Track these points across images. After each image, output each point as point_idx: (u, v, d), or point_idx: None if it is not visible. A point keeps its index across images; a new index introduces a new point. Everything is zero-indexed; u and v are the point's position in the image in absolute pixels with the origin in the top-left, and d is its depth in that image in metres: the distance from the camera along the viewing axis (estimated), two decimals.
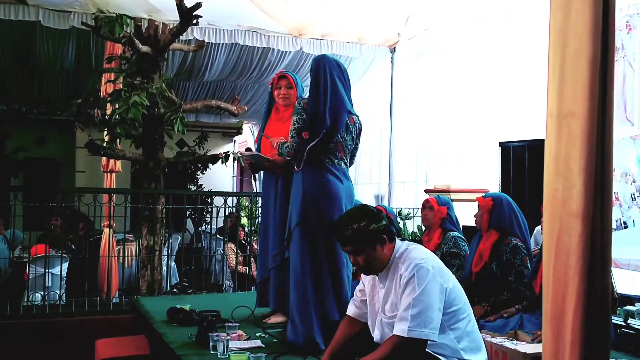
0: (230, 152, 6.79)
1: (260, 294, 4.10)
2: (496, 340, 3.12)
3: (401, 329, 2.44)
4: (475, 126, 7.24)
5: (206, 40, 7.24)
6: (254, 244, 7.02)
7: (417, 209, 7.41)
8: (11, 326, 5.23)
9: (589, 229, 0.98)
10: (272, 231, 3.98)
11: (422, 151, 8.36)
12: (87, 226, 7.00)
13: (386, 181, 8.56)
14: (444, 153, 7.92)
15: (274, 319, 3.94)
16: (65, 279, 6.20)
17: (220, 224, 8.04)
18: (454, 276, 2.66)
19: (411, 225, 7.56)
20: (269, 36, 7.72)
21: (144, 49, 6.00)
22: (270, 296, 3.98)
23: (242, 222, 8.58)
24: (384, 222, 2.62)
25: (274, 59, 8.33)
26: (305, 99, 3.62)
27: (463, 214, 6.11)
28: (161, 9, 6.79)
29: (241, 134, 12.64)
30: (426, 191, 7.15)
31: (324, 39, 8.00)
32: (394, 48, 8.43)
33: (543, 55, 1.13)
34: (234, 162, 10.66)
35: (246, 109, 7.64)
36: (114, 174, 6.91)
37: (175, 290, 6.98)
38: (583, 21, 0.96)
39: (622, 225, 5.38)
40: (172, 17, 6.39)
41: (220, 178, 11.52)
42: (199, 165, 10.86)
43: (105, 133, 6.30)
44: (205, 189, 10.99)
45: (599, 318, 0.99)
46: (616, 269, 4.91)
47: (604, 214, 0.99)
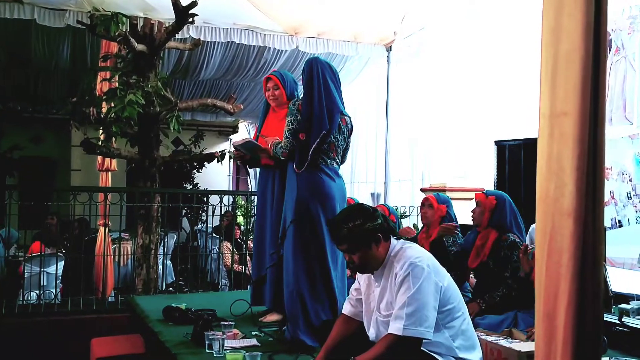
0: (226, 151, 6.78)
1: (255, 292, 4.10)
2: (491, 338, 3.13)
3: (396, 327, 2.45)
4: (471, 125, 7.25)
5: (202, 39, 7.22)
6: (250, 242, 7.02)
7: (412, 207, 7.42)
8: (6, 325, 5.22)
9: (581, 227, 0.98)
10: (269, 230, 3.99)
11: (418, 150, 8.36)
12: (82, 225, 6.98)
13: (382, 180, 8.57)
14: (439, 152, 7.92)
15: (269, 318, 3.94)
16: (61, 277, 6.19)
17: (216, 222, 8.04)
18: (449, 275, 2.67)
19: (407, 223, 7.56)
20: (264, 35, 7.71)
21: (140, 47, 5.99)
22: (267, 295, 3.99)
23: (238, 221, 8.57)
24: (379, 221, 2.62)
25: (270, 58, 8.33)
26: (299, 100, 3.64)
27: (459, 213, 6.13)
28: (157, 8, 6.77)
29: (237, 132, 12.63)
30: (422, 190, 7.16)
31: (320, 37, 7.99)
32: (390, 47, 8.43)
33: (538, 54, 1.13)
34: (229, 161, 10.64)
35: (242, 107, 7.64)
36: (109, 173, 6.89)
37: (171, 289, 6.98)
38: (575, 21, 0.96)
39: (617, 224, 5.40)
40: (167, 15, 6.38)
41: (216, 177, 11.51)
42: (195, 164, 10.85)
43: (101, 132, 6.29)
44: (201, 188, 10.98)
45: (591, 316, 0.99)
46: (611, 267, 4.93)
47: (596, 212, 0.99)
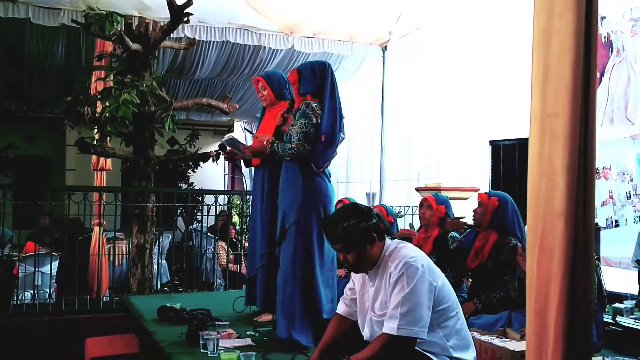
0: (221, 151, 6.77)
1: (249, 291, 4.11)
2: (485, 337, 3.13)
3: (390, 327, 2.45)
4: (466, 124, 7.26)
5: (197, 38, 7.22)
6: (245, 242, 7.02)
7: (408, 207, 7.43)
8: (0, 325, 5.20)
9: (572, 227, 0.99)
10: (259, 230, 4.00)
11: (414, 149, 8.37)
12: (76, 225, 6.96)
13: (377, 179, 8.58)
14: (435, 151, 7.93)
15: (264, 318, 3.95)
16: (55, 277, 6.18)
17: (212, 222, 8.03)
18: (443, 274, 2.68)
19: (402, 223, 7.57)
20: (260, 34, 7.71)
21: (135, 46, 5.98)
22: (257, 295, 4.00)
23: (234, 221, 8.57)
24: (374, 221, 2.63)
25: (265, 57, 8.32)
26: (313, 103, 3.59)
27: (454, 213, 6.14)
28: (152, 7, 6.77)
29: (232, 131, 12.61)
30: (417, 189, 7.16)
31: (315, 37, 7.99)
32: (385, 46, 8.44)
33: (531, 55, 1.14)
34: (225, 161, 10.63)
35: (237, 107, 7.63)
36: (104, 172, 6.87)
37: (166, 288, 6.97)
38: (566, 23, 0.97)
39: (612, 223, 5.42)
40: (162, 14, 6.37)
41: (211, 176, 11.49)
42: (190, 164, 10.83)
43: (96, 131, 6.27)
44: (196, 187, 10.97)
45: (582, 315, 1.00)
46: (607, 267, 4.95)
47: (586, 212, 1.00)
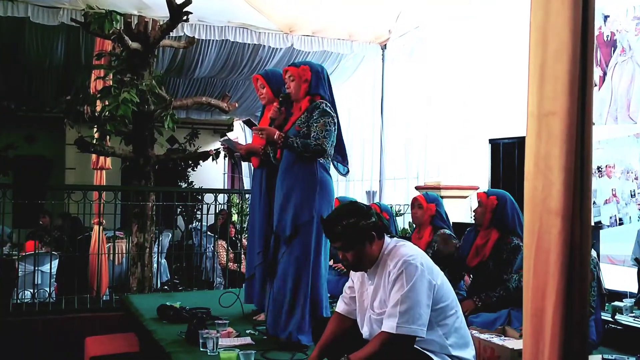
0: (220, 149, 6.77)
1: (248, 290, 4.12)
2: (484, 336, 3.13)
3: (390, 325, 2.45)
4: (466, 123, 7.26)
5: (196, 37, 7.22)
6: (245, 240, 7.02)
7: (407, 205, 7.43)
8: (0, 324, 5.20)
9: (569, 226, 0.99)
10: (258, 229, 4.01)
11: (413, 148, 8.37)
12: (77, 224, 6.96)
13: (377, 178, 8.58)
14: (434, 150, 7.93)
15: (263, 316, 3.95)
16: (55, 276, 6.18)
17: (211, 221, 8.03)
18: (442, 273, 2.68)
19: (402, 222, 7.57)
20: (259, 33, 7.70)
21: (134, 45, 5.98)
22: (256, 294, 4.00)
23: (233, 220, 8.57)
24: (373, 219, 2.63)
25: (264, 56, 8.32)
26: (325, 99, 3.66)
27: (453, 211, 6.15)
28: (151, 6, 6.76)
29: (232, 130, 12.61)
30: (417, 188, 7.17)
31: (315, 35, 7.99)
32: (385, 45, 8.43)
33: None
34: (224, 159, 10.63)
35: (237, 105, 7.63)
36: (104, 171, 6.88)
37: (166, 287, 6.97)
38: (562, 21, 0.96)
39: (617, 221, 5.43)
40: (162, 13, 6.36)
41: (211, 175, 11.49)
42: (190, 162, 10.83)
43: (95, 130, 6.27)
44: (196, 186, 10.97)
45: (579, 314, 1.00)
46: (611, 265, 4.96)
47: (583, 211, 1.00)
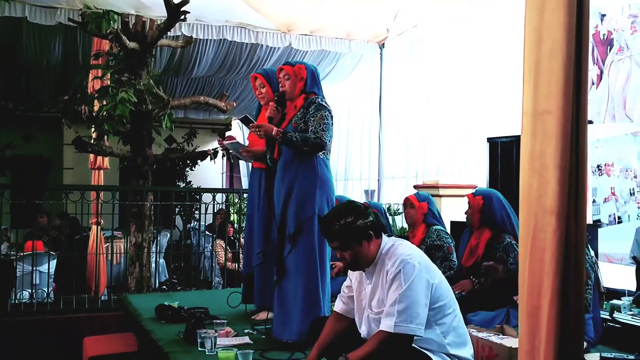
0: (218, 149, 6.77)
1: (245, 290, 4.12)
2: (482, 334, 3.13)
3: (388, 324, 2.45)
4: (464, 122, 7.27)
5: (194, 36, 7.21)
6: (243, 240, 7.02)
7: None
8: None
9: (564, 225, 0.99)
10: (257, 229, 3.99)
11: (412, 147, 8.37)
12: (74, 224, 6.95)
13: (375, 177, 8.58)
14: (433, 148, 7.94)
15: (261, 316, 3.94)
16: (53, 276, 6.17)
17: (209, 220, 8.03)
18: (440, 272, 2.68)
19: (400, 221, 7.58)
20: (257, 32, 7.70)
21: (132, 45, 5.97)
22: (256, 293, 3.99)
23: (231, 219, 8.57)
24: (370, 218, 2.62)
25: (262, 55, 8.31)
26: (320, 97, 3.65)
27: (452, 210, 6.15)
28: (148, 5, 6.76)
29: (230, 130, 12.61)
30: (415, 187, 7.17)
31: (313, 35, 7.99)
32: (383, 44, 8.44)
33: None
34: (223, 159, 10.63)
35: (235, 105, 7.63)
36: (102, 171, 6.86)
37: (164, 287, 6.98)
38: (557, 20, 0.96)
39: (615, 220, 5.44)
40: (159, 13, 6.36)
41: (209, 175, 11.48)
42: (188, 162, 10.81)
43: (93, 130, 6.27)
44: (194, 186, 10.96)
45: (574, 312, 1.00)
46: (609, 263, 4.97)
47: (578, 210, 1.00)
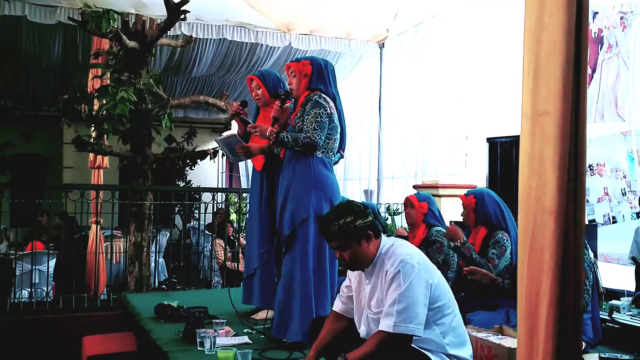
0: (218, 148, 6.77)
1: (245, 290, 4.11)
2: (481, 335, 3.13)
3: (387, 324, 2.45)
4: (463, 122, 7.27)
5: (194, 36, 7.22)
6: (242, 239, 7.02)
7: None
8: None
9: (562, 225, 0.99)
10: (258, 229, 3.99)
11: (411, 146, 8.37)
12: (71, 224, 6.94)
13: (375, 177, 8.58)
14: (432, 148, 7.94)
15: (261, 315, 3.94)
16: (52, 276, 6.18)
17: (209, 220, 8.02)
18: (439, 272, 2.68)
19: (400, 221, 7.58)
20: (257, 31, 7.70)
21: (131, 44, 5.97)
22: (256, 293, 3.99)
23: (231, 219, 8.57)
24: (370, 218, 2.62)
25: (262, 55, 8.32)
26: (323, 93, 3.55)
27: (452, 210, 6.15)
28: (148, 4, 6.76)
29: (230, 129, 12.59)
30: (415, 187, 7.17)
31: (313, 34, 8.00)
32: (383, 44, 8.45)
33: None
34: (222, 158, 10.63)
35: (234, 104, 7.61)
36: (101, 170, 6.87)
37: (164, 286, 6.97)
38: (556, 22, 0.96)
39: (610, 220, 5.43)
40: (159, 12, 6.36)
41: (209, 174, 11.48)
42: (188, 161, 10.80)
43: (93, 129, 6.27)
44: (194, 185, 10.95)
45: (572, 314, 1.00)
46: (605, 263, 4.97)
47: (577, 211, 1.00)
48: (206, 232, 7.98)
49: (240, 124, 4.07)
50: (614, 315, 3.84)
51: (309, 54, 8.13)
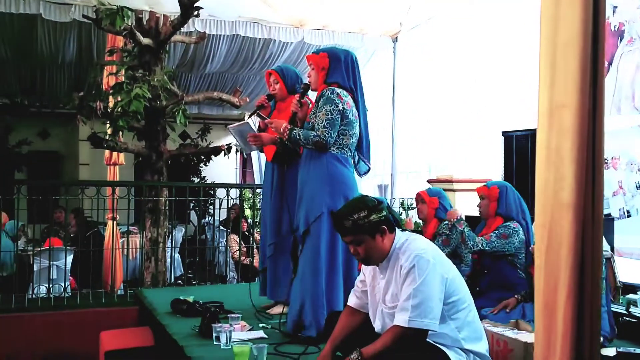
0: (232, 144, 6.79)
1: (262, 283, 4.14)
2: (497, 329, 3.12)
3: (402, 319, 2.45)
4: (478, 116, 7.23)
5: (207, 32, 7.23)
6: (257, 235, 7.04)
7: None
8: (16, 319, 5.26)
9: (581, 219, 0.98)
10: (269, 222, 4.01)
11: (425, 141, 8.35)
12: (80, 219, 7.00)
13: (389, 172, 8.56)
14: (446, 143, 7.91)
15: (276, 310, 3.96)
16: (70, 271, 6.24)
17: (224, 215, 8.05)
18: (454, 267, 2.67)
19: (414, 215, 7.56)
20: (270, 27, 7.69)
21: (145, 41, 6.00)
22: (268, 287, 4.02)
23: (245, 214, 8.59)
24: (384, 213, 2.62)
25: (275, 50, 8.32)
26: (338, 89, 3.47)
27: (466, 204, 6.13)
28: (162, 1, 6.77)
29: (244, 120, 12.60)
30: (429, 181, 7.15)
31: (325, 29, 7.97)
32: (396, 38, 8.39)
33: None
34: (236, 154, 10.65)
35: (248, 100, 7.64)
36: (117, 167, 6.92)
37: (179, 281, 7.02)
38: (573, 13, 0.95)
39: (625, 214, 5.37)
40: (172, 9, 6.38)
41: (223, 170, 11.52)
42: (202, 157, 10.87)
43: (108, 126, 6.31)
44: (208, 181, 11.00)
45: (591, 308, 0.99)
46: (619, 257, 4.92)
47: (594, 204, 0.99)
48: (221, 227, 8.01)
49: (259, 118, 4.09)
50: (631, 310, 3.80)
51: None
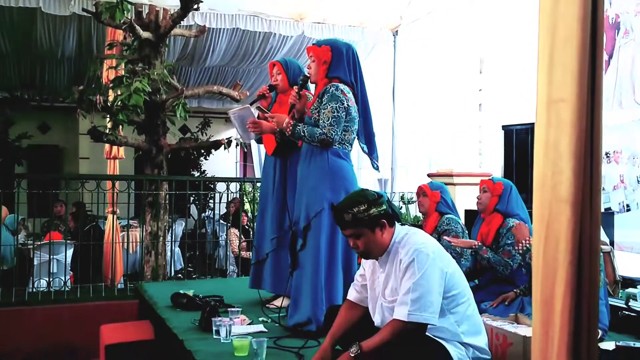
0: (232, 138, 6.79)
1: (254, 275, 4.14)
2: (496, 323, 3.13)
3: (401, 313, 2.45)
4: (478, 110, 7.22)
5: (207, 26, 7.21)
6: None
7: None
8: (16, 313, 5.28)
9: (579, 214, 0.98)
10: (270, 215, 4.01)
11: (425, 135, 8.34)
12: (80, 213, 7.00)
13: (389, 166, 8.55)
14: (446, 137, 7.90)
15: (276, 303, 3.96)
16: (70, 265, 6.25)
17: (224, 209, 8.06)
18: (454, 261, 2.68)
19: (414, 209, 7.56)
20: (270, 21, 7.68)
21: (145, 34, 5.99)
22: (268, 279, 4.02)
23: (245, 208, 8.60)
24: (384, 207, 2.62)
25: (275, 44, 8.31)
26: (341, 85, 3.44)
27: (466, 198, 6.13)
28: None
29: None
30: (429, 175, 7.14)
31: (326, 23, 7.96)
32: (396, 31, 8.38)
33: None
34: (236, 148, 10.65)
35: (248, 94, 7.62)
36: (117, 161, 6.92)
37: (180, 275, 7.03)
38: (572, 7, 0.95)
39: (624, 208, 5.38)
40: (172, 2, 6.37)
41: (223, 164, 11.52)
42: (202, 151, 10.86)
43: (108, 119, 6.31)
44: (208, 175, 11.00)
45: (589, 303, 0.99)
46: (619, 251, 4.93)
47: (593, 199, 0.99)
48: (221, 221, 8.02)
49: (260, 112, 4.06)
50: (630, 303, 3.81)
51: None
